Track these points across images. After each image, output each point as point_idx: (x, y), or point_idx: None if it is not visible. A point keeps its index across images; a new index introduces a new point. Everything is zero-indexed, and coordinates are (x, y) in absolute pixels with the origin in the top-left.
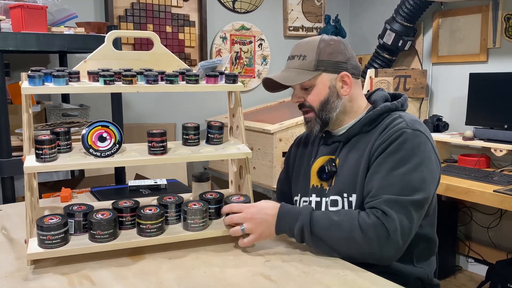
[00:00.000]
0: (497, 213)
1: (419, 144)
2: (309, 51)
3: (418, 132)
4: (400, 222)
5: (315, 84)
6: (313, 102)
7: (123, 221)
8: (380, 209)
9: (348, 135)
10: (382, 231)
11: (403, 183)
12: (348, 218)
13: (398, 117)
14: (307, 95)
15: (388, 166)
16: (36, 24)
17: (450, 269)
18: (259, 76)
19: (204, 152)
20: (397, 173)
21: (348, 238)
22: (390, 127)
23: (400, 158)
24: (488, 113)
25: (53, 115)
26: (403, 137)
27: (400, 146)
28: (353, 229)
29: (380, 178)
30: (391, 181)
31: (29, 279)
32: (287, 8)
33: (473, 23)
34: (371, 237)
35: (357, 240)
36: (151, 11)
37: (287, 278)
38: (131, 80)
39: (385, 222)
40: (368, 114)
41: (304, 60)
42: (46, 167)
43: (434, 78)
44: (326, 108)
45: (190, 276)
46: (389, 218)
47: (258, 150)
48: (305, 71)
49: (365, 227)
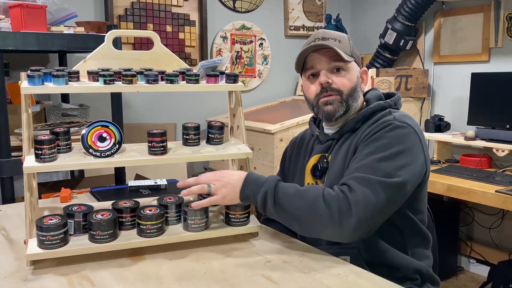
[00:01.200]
0: (499, 213)
1: (403, 135)
2: (342, 38)
3: (404, 124)
4: (364, 195)
5: (348, 70)
6: (343, 86)
7: (123, 221)
8: (346, 184)
9: (342, 131)
10: (344, 202)
11: (376, 167)
12: (313, 189)
13: (388, 113)
14: (337, 78)
15: (367, 151)
16: (36, 24)
17: (451, 269)
18: (259, 76)
19: (205, 152)
20: (374, 157)
21: (310, 207)
22: (379, 122)
23: (381, 144)
24: (490, 113)
25: (53, 115)
26: (389, 127)
27: (384, 134)
28: (316, 198)
29: (357, 161)
30: (365, 163)
31: (28, 280)
32: (288, 7)
33: (475, 23)
34: (332, 207)
35: (318, 209)
36: (151, 11)
37: (288, 279)
38: (131, 80)
39: (348, 195)
40: (362, 111)
41: (340, 43)
42: (46, 167)
43: (435, 78)
44: (353, 96)
45: (191, 277)
46: (353, 191)
47: (258, 150)
48: (344, 54)
49: (328, 198)
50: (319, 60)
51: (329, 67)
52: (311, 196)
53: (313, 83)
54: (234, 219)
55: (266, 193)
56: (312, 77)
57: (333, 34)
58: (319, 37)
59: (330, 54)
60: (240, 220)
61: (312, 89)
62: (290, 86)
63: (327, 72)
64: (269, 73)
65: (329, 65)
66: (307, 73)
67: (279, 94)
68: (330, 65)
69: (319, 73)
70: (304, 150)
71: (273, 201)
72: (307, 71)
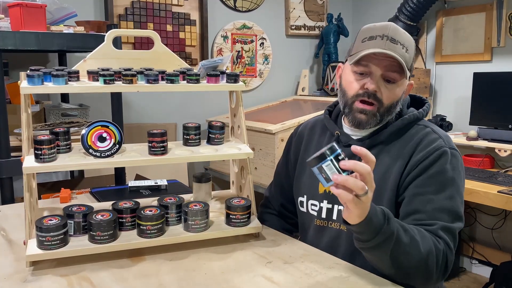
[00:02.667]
0: (501, 214)
1: (458, 165)
2: (410, 46)
3: (455, 152)
4: (452, 252)
5: (399, 84)
6: (388, 99)
7: (123, 222)
8: (443, 238)
9: (373, 141)
10: (448, 263)
11: (450, 208)
12: (427, 239)
13: (432, 132)
14: (385, 89)
15: (434, 188)
16: (35, 23)
17: (454, 270)
18: (260, 76)
19: (205, 152)
20: (444, 196)
21: (421, 261)
22: (426, 143)
23: (444, 180)
24: (492, 113)
25: (52, 115)
26: (445, 157)
27: (443, 167)
28: (430, 252)
29: (427, 201)
30: (440, 205)
31: (28, 281)
32: (289, 6)
33: (477, 22)
34: (439, 267)
35: (428, 265)
36: (152, 10)
37: (289, 280)
38: (131, 80)
39: (449, 255)
40: (396, 123)
41: (407, 52)
42: (45, 167)
43: (437, 78)
44: (391, 110)
45: (191, 278)
46: (450, 249)
47: (259, 150)
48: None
49: (438, 253)
50: (378, 62)
51: (384, 74)
52: (425, 249)
53: (358, 80)
54: (235, 219)
55: (393, 233)
56: (361, 74)
57: (403, 38)
58: (389, 36)
59: (392, 62)
60: (241, 220)
61: (355, 85)
62: (291, 86)
63: (380, 78)
64: (270, 73)
65: (384, 73)
66: (357, 67)
67: (280, 94)
68: (386, 74)
69: (370, 74)
70: (316, 145)
71: (394, 242)
72: (358, 66)
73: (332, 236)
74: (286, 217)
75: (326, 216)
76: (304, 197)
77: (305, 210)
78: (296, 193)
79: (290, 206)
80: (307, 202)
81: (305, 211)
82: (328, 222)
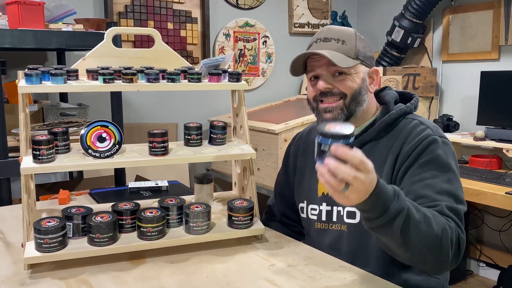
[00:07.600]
0: (509, 215)
1: (450, 152)
2: (347, 37)
3: (446, 140)
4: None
5: (351, 73)
6: (347, 90)
7: (123, 224)
8: (449, 217)
9: (363, 140)
10: (460, 241)
11: (449, 191)
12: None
13: (419, 123)
14: (338, 82)
15: (430, 173)
16: (33, 21)
17: (460, 273)
18: (263, 75)
19: (207, 152)
20: (441, 179)
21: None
22: (415, 134)
23: (439, 165)
24: (500, 112)
25: (51, 115)
26: (435, 144)
27: (435, 153)
28: (444, 230)
29: (425, 186)
30: (439, 188)
31: (26, 284)
32: (292, 4)
33: (485, 20)
34: (453, 246)
35: (443, 244)
36: (152, 7)
37: (292, 283)
38: (131, 79)
39: (461, 236)
40: (384, 119)
41: (344, 45)
42: (44, 168)
43: (444, 77)
44: (357, 100)
45: (192, 281)
46: (461, 229)
47: (262, 150)
48: (347, 57)
49: (451, 232)
50: (319, 63)
51: (329, 70)
52: (438, 226)
53: (314, 85)
54: (237, 221)
55: (401, 211)
56: (314, 79)
57: (337, 33)
58: (321, 37)
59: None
60: (243, 222)
61: (311, 91)
62: (295, 85)
63: (328, 75)
64: (273, 72)
65: (329, 69)
66: (308, 75)
67: (283, 93)
68: (330, 69)
69: (319, 75)
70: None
71: (403, 219)
72: (308, 73)
73: (333, 238)
74: (289, 225)
75: (326, 218)
76: (304, 203)
77: (305, 216)
78: (297, 200)
79: (292, 214)
80: (307, 207)
81: (305, 216)
82: (328, 225)
